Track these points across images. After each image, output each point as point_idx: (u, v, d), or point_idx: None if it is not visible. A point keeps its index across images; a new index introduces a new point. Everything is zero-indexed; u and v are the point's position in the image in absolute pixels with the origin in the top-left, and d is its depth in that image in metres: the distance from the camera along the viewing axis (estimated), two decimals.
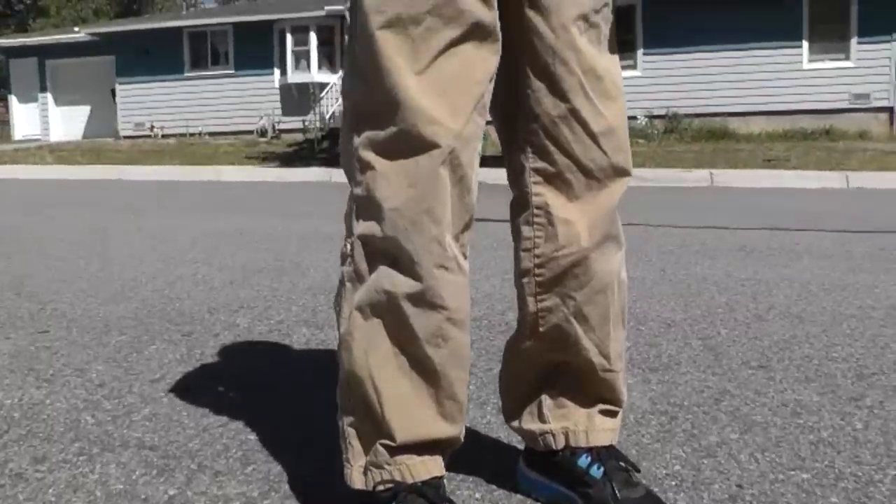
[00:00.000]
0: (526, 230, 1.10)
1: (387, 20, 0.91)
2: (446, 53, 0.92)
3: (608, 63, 1.06)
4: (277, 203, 7.23)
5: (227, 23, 19.90)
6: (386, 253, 0.96)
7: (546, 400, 1.20)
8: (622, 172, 1.08)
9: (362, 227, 0.97)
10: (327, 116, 17.96)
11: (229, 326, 2.45)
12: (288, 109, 19.03)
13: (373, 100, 0.94)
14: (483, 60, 0.95)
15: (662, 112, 15.63)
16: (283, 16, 19.18)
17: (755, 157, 12.73)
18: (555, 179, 1.06)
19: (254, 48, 19.38)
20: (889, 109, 16.27)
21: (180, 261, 3.73)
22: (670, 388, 1.88)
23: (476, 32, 0.93)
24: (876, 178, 9.36)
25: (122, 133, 20.44)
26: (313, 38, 18.79)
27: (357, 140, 0.97)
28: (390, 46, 0.91)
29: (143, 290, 3.03)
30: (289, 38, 18.91)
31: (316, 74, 18.68)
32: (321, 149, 15.54)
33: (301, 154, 14.88)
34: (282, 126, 18.92)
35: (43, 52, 22.58)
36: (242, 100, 19.42)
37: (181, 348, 2.19)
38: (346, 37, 1.01)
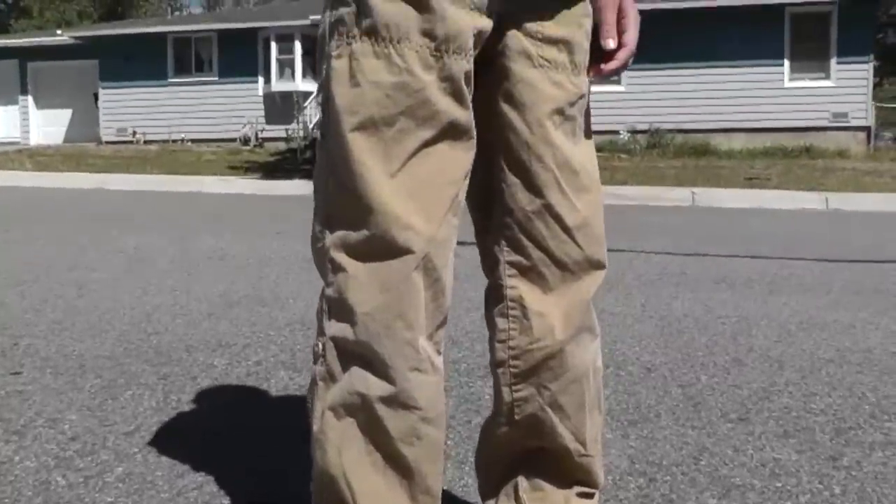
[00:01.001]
0: (500, 322, 1.09)
1: (359, 122, 0.90)
2: (420, 154, 0.91)
3: (583, 155, 1.06)
4: (258, 220, 7.19)
5: (211, 29, 19.81)
6: (359, 355, 0.95)
7: (522, 482, 1.19)
8: (597, 265, 1.08)
9: (335, 328, 0.96)
10: (311, 125, 17.91)
11: (206, 368, 2.42)
12: (271, 118, 18.97)
13: (345, 201, 0.93)
14: (457, 160, 0.95)
15: (645, 127, 15.71)
16: (267, 24, 19.13)
17: (737, 174, 12.82)
18: (529, 273, 1.06)
19: (238, 55, 19.29)
20: (867, 129, 16.48)
21: (159, 287, 3.69)
22: (649, 445, 1.88)
23: (451, 132, 0.92)
24: (853, 199, 9.45)
25: (104, 138, 20.28)
26: (298, 46, 18.75)
27: (329, 239, 0.96)
28: (363, 149, 0.90)
29: (120, 323, 2.99)
30: (273, 46, 18.85)
31: (300, 83, 18.63)
32: (304, 159, 15.46)
33: (284, 164, 14.81)
34: (265, 134, 18.84)
35: (24, 55, 22.39)
36: (226, 107, 19.32)
37: (157, 394, 2.16)
38: (319, 132, 1.00)
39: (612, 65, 1.07)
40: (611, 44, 1.06)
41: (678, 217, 7.66)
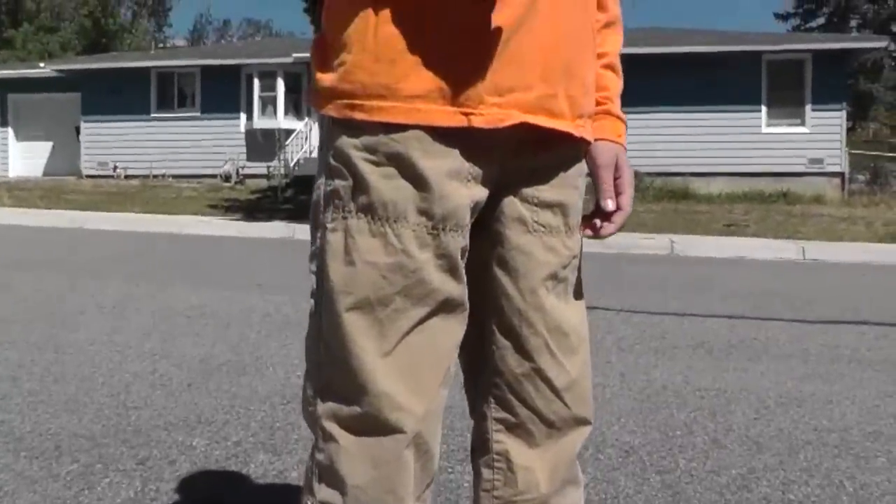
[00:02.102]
0: (486, 472, 1.10)
1: (354, 302, 0.91)
2: (414, 331, 0.92)
3: (574, 314, 1.07)
4: (238, 269, 7.17)
5: (195, 65, 19.89)
6: None
7: None
8: (583, 422, 1.09)
9: (325, 493, 0.96)
10: (292, 163, 17.97)
11: (186, 450, 2.40)
12: (253, 154, 19.00)
13: (338, 375, 0.94)
14: (451, 332, 0.96)
15: None
16: (251, 61, 19.24)
17: (716, 219, 12.97)
18: (516, 429, 1.07)
19: (221, 92, 19.35)
20: (841, 174, 16.77)
21: (137, 351, 3.66)
22: None
23: (445, 307, 0.94)
24: (829, 249, 9.59)
25: (85, 172, 20.19)
26: (280, 84, 18.86)
27: (321, 408, 0.96)
28: (357, 329, 0.91)
29: (98, 394, 2.96)
30: (256, 83, 18.95)
31: (282, 121, 18.72)
32: (285, 197, 15.49)
33: (264, 203, 14.82)
34: (246, 171, 18.85)
35: (6, 86, 22.32)
36: (207, 143, 19.33)
37: (136, 482, 2.14)
38: (312, 301, 1.00)
39: (608, 229, 1.09)
40: (609, 205, 1.09)
41: (658, 268, 7.71)
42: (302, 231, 10.33)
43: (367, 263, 0.91)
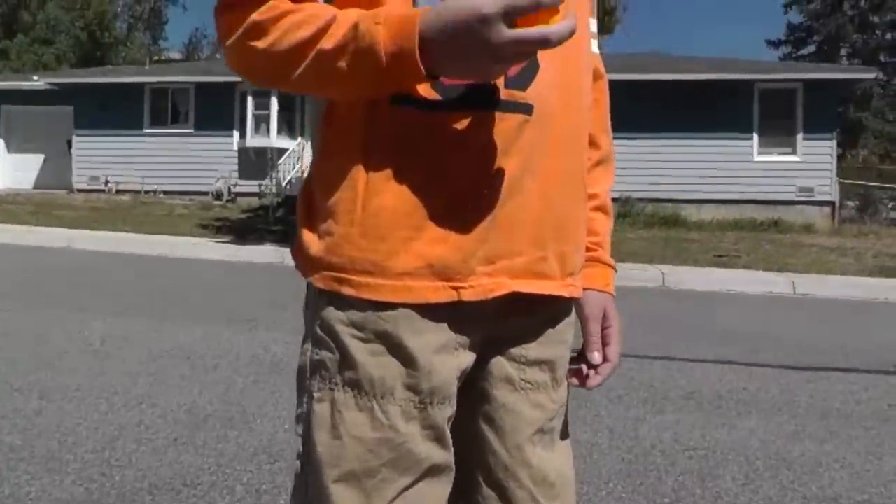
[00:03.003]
0: None
1: (340, 475, 0.90)
2: (400, 497, 0.91)
3: (559, 459, 1.05)
4: (227, 299, 7.14)
5: (189, 82, 19.89)
6: None
7: None
8: None
9: None
10: (284, 183, 17.95)
11: None
12: (245, 172, 18.99)
13: None
14: (437, 495, 0.94)
15: (616, 196, 15.95)
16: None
17: (706, 249, 13.01)
18: None
19: (215, 109, 19.35)
20: (831, 203, 16.87)
21: (124, 398, 3.63)
22: None
23: (431, 472, 0.92)
24: (819, 283, 9.61)
25: (76, 186, 20.13)
26: (274, 102, 18.86)
27: None
28: (343, 500, 0.90)
29: (81, 449, 2.93)
30: (250, 101, 18.94)
31: (275, 139, 18.72)
32: (276, 217, 15.46)
33: (255, 223, 14.78)
34: (238, 189, 18.83)
35: None
36: (200, 160, 19.31)
37: None
38: (297, 462, 0.98)
39: (594, 381, 1.08)
40: (596, 357, 1.08)
41: (649, 304, 7.71)
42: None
43: (353, 438, 0.89)
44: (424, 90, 0.86)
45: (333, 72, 0.84)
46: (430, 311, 0.89)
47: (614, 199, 1.16)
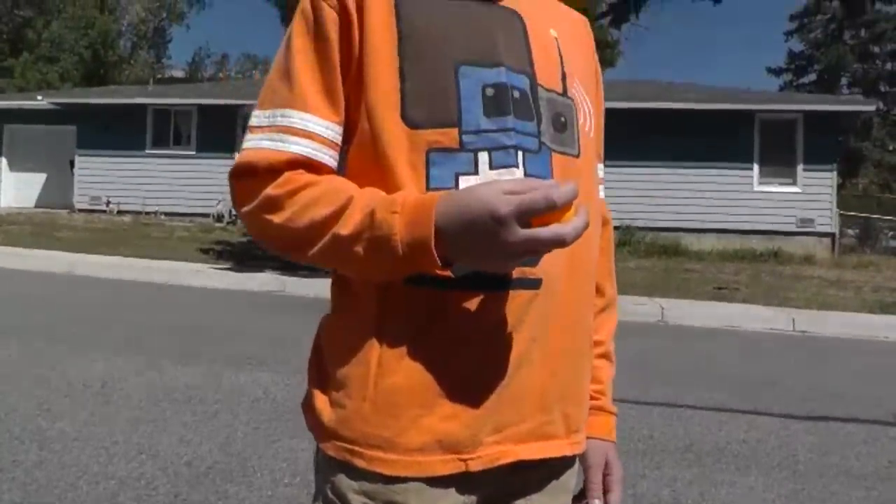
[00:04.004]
0: None
1: None
2: None
3: None
4: (228, 333, 7.14)
5: (192, 104, 19.98)
6: None
7: None
8: None
9: None
10: None
11: None
12: None
13: None
14: None
15: (617, 224, 15.97)
16: (248, 101, 19.30)
17: (706, 280, 13.03)
18: None
19: (217, 131, 19.43)
20: (831, 235, 16.90)
21: (124, 448, 3.63)
22: None
23: None
24: (819, 319, 9.61)
25: (78, 206, 20.18)
26: None
27: None
28: None
29: None
30: None
31: None
32: None
33: (255, 247, 14.79)
34: None
35: (2, 117, 22.39)
36: (201, 182, 19.37)
37: None
38: None
39: None
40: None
41: (647, 342, 7.71)
42: (292, 284, 10.31)
43: None
44: (438, 270, 0.88)
45: (350, 255, 0.87)
46: (439, 481, 0.91)
47: (615, 228, 1.18)
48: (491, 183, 0.83)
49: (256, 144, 0.94)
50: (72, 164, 20.75)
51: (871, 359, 7.67)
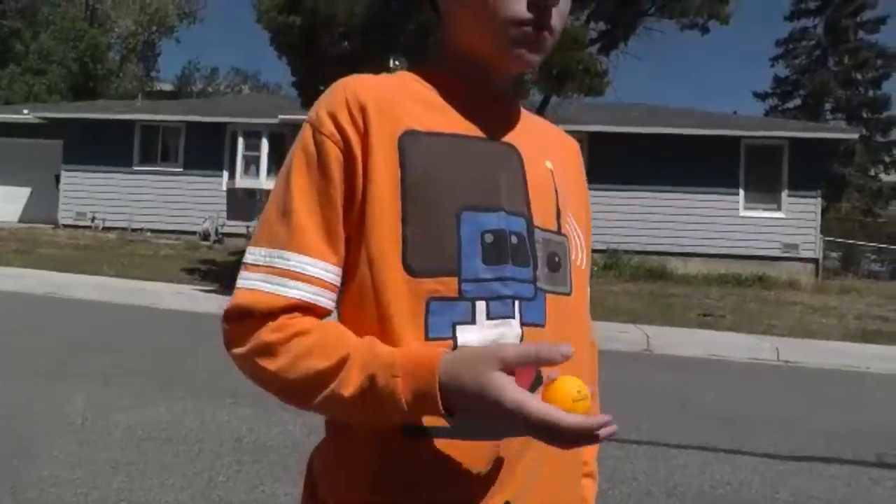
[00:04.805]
0: None
1: None
2: None
3: None
4: (212, 363, 7.09)
5: (180, 121, 19.94)
6: None
7: None
8: None
9: None
10: None
11: None
12: (233, 213, 18.99)
13: None
14: None
15: (603, 247, 16.02)
16: (236, 119, 19.34)
17: (691, 306, 13.08)
18: None
19: (205, 148, 19.41)
20: (815, 261, 17.03)
21: (104, 495, 3.58)
22: None
23: None
24: (803, 348, 9.68)
25: (62, 221, 20.08)
26: (265, 144, 18.95)
27: None
28: None
29: None
30: (240, 141, 19.01)
31: (264, 181, 18.75)
32: None
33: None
34: (226, 229, 18.82)
35: None
36: (188, 199, 19.33)
37: None
38: None
39: None
40: None
41: (633, 373, 7.71)
42: None
43: None
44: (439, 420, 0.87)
45: (352, 414, 0.88)
46: None
47: (601, 251, 1.20)
48: (494, 354, 0.81)
49: (253, 286, 0.93)
50: (57, 178, 20.64)
51: (854, 391, 7.72)
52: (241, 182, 18.86)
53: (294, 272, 0.92)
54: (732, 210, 17.03)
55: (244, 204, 18.82)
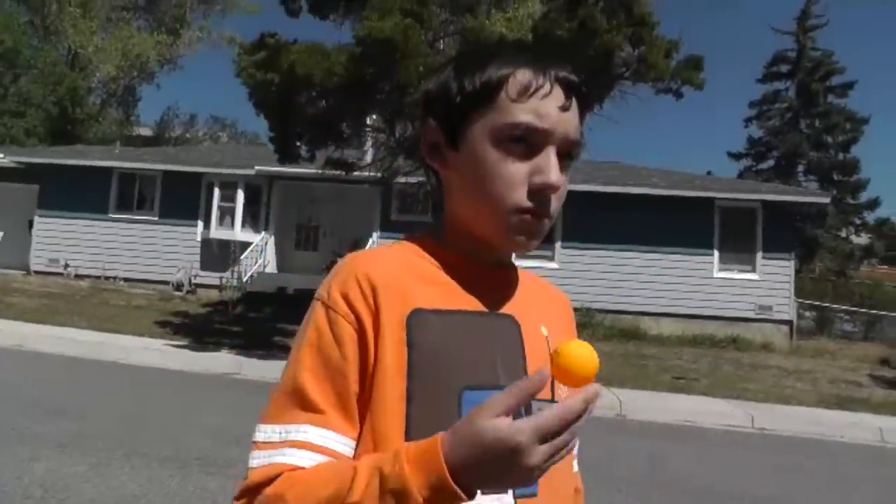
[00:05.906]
0: None
1: None
2: None
3: None
4: (180, 425, 6.96)
5: (157, 169, 19.85)
6: None
7: None
8: None
9: None
10: (245, 277, 17.78)
11: None
12: (206, 264, 18.84)
13: None
14: None
15: (577, 306, 16.02)
16: (213, 170, 19.28)
17: (665, 368, 13.09)
18: None
19: (181, 197, 19.31)
20: (789, 322, 17.14)
21: None
22: None
23: None
24: (777, 416, 9.69)
25: (34, 268, 19.79)
26: (240, 195, 18.89)
27: None
28: None
29: None
30: (216, 192, 18.92)
31: (239, 232, 18.66)
32: (235, 315, 15.31)
33: (214, 320, 14.60)
34: (199, 280, 18.65)
35: None
36: (162, 249, 19.17)
37: None
38: None
39: None
40: None
41: (605, 442, 7.65)
42: (249, 366, 10.11)
43: None
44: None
45: None
46: None
47: (576, 310, 1.23)
48: (489, 410, 0.83)
49: (268, 461, 0.93)
50: (30, 223, 20.40)
51: (828, 463, 7.70)
52: (216, 233, 18.73)
53: (310, 443, 0.93)
54: (706, 270, 17.15)
55: (218, 255, 18.69)
